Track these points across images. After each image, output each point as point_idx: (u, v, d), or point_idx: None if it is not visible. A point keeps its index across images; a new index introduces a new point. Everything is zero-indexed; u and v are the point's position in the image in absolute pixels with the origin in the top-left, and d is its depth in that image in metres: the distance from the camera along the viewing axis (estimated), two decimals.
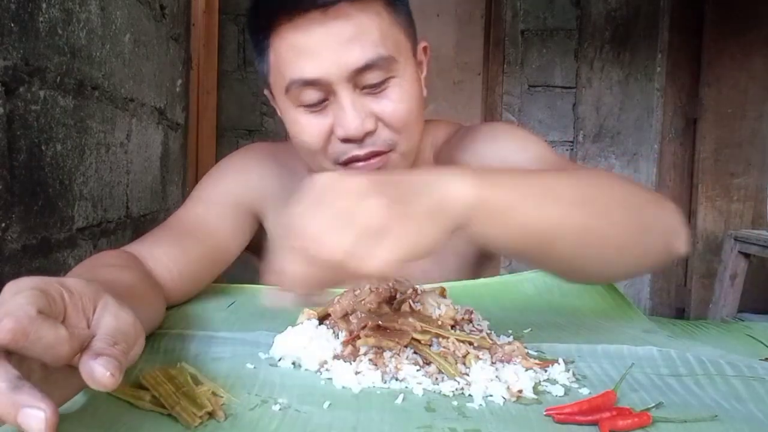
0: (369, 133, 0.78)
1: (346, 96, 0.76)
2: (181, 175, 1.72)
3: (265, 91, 0.88)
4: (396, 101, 0.78)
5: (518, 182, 0.58)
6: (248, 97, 3.15)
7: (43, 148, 0.83)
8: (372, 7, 0.77)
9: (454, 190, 0.52)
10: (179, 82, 1.66)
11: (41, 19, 0.82)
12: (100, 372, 0.38)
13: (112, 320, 0.43)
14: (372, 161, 0.80)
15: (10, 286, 0.41)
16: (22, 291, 0.39)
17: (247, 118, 3.16)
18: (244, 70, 3.15)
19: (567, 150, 3.07)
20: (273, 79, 0.82)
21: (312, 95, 0.77)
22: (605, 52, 2.98)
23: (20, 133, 0.77)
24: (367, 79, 0.76)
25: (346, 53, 0.75)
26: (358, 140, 0.78)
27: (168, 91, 1.52)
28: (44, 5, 0.82)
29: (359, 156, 0.79)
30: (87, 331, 0.42)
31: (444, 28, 3.31)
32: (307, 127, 0.79)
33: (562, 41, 3.06)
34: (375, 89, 0.78)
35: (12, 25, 0.74)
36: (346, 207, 0.48)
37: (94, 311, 0.43)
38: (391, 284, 0.64)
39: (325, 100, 0.78)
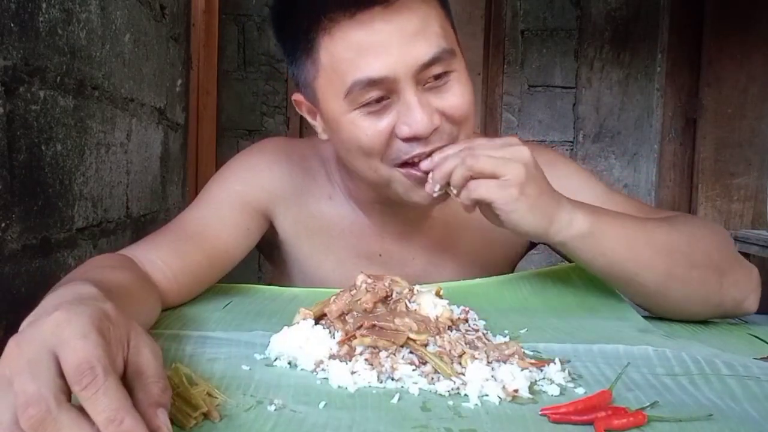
0: (435, 130, 0.75)
1: (411, 93, 0.73)
2: (181, 175, 1.73)
3: (296, 96, 0.84)
4: (458, 95, 0.76)
5: (621, 223, 0.75)
6: (248, 97, 3.15)
7: (43, 148, 0.83)
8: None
9: (575, 220, 0.73)
10: (179, 82, 1.66)
11: (41, 19, 0.82)
12: (165, 428, 0.40)
13: (152, 357, 0.44)
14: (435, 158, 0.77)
15: (74, 320, 0.40)
16: (89, 336, 0.39)
17: (247, 118, 3.16)
18: (244, 70, 3.15)
19: (567, 150, 3.07)
20: (323, 82, 0.77)
21: (373, 95, 0.73)
22: (605, 52, 2.97)
23: (20, 133, 0.77)
24: (430, 74, 0.74)
25: (413, 48, 0.72)
26: (424, 138, 0.75)
27: (168, 91, 1.52)
28: (44, 5, 0.83)
29: (424, 152, 0.76)
30: (122, 365, 0.43)
31: None
32: (367, 129, 0.75)
33: (562, 41, 3.06)
34: (437, 84, 0.75)
35: (12, 25, 0.75)
36: (503, 153, 0.72)
37: (128, 341, 0.44)
38: (387, 284, 0.64)
39: (384, 98, 0.74)
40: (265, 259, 1.01)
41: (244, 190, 0.90)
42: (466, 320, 0.66)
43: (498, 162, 0.70)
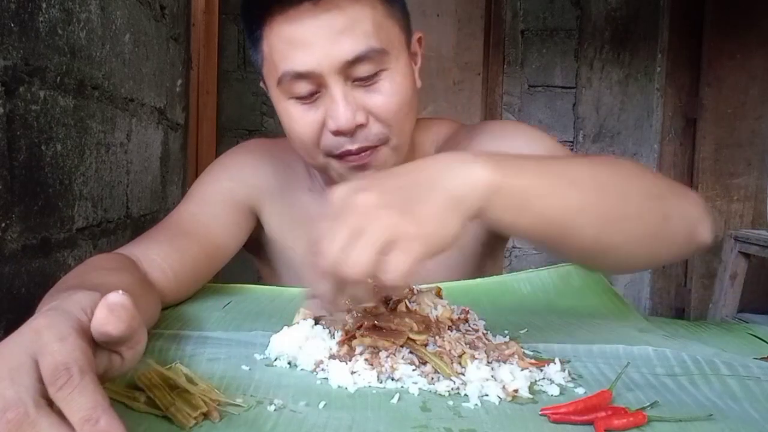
0: (360, 127, 0.78)
1: (337, 88, 0.76)
2: (181, 175, 1.73)
3: (261, 84, 0.88)
4: (387, 95, 0.78)
5: (537, 168, 0.58)
6: (248, 97, 3.15)
7: (43, 148, 0.83)
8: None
9: (472, 177, 0.53)
10: (179, 82, 1.66)
11: (41, 19, 0.82)
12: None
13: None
14: (363, 155, 0.79)
15: (53, 325, 0.40)
16: (67, 339, 0.39)
17: (247, 118, 3.16)
18: (244, 70, 3.15)
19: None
20: (266, 70, 0.83)
21: (303, 87, 0.77)
22: (605, 52, 2.97)
23: (20, 133, 0.77)
24: (358, 72, 0.76)
25: (337, 45, 0.75)
26: (350, 134, 0.78)
27: (168, 91, 1.52)
28: (44, 5, 0.83)
29: (351, 150, 0.79)
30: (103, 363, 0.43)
31: (444, 28, 3.31)
32: (299, 119, 0.80)
33: (562, 41, 3.06)
34: (366, 82, 0.77)
35: (12, 25, 0.75)
36: (359, 223, 0.50)
37: None
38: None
39: (316, 92, 0.78)
40: (253, 257, 1.02)
41: (231, 186, 0.92)
42: (466, 320, 0.66)
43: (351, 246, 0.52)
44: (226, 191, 0.91)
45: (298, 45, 0.76)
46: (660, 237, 0.65)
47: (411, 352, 0.58)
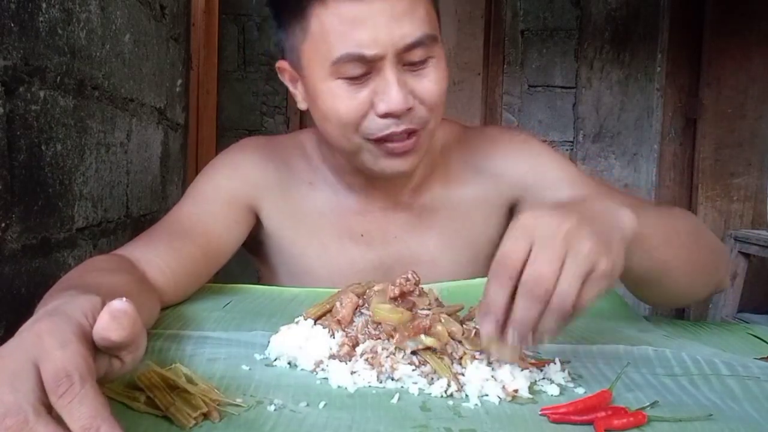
0: (408, 110, 0.77)
1: (391, 71, 0.76)
2: (181, 175, 1.73)
3: (280, 63, 0.86)
4: (434, 81, 0.79)
5: (651, 220, 0.67)
6: (248, 97, 3.15)
7: (43, 148, 0.83)
8: None
9: (628, 222, 0.59)
10: (179, 82, 1.66)
11: (41, 19, 0.82)
12: None
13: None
14: (408, 142, 0.80)
15: (55, 330, 0.40)
16: (68, 345, 0.40)
17: (247, 118, 3.16)
18: (244, 70, 3.15)
19: (567, 150, 3.07)
20: (309, 47, 0.79)
21: (358, 69, 0.76)
22: (605, 52, 2.97)
23: (20, 133, 0.77)
24: (412, 56, 0.77)
25: (400, 29, 0.75)
26: (398, 116, 0.77)
27: (168, 91, 1.52)
28: (44, 5, 0.83)
29: (396, 132, 0.78)
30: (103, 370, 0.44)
31: (444, 28, 3.30)
32: (345, 99, 0.78)
33: (562, 41, 3.06)
34: (416, 67, 0.78)
35: (12, 25, 0.75)
36: (565, 245, 0.53)
37: None
38: (399, 282, 0.63)
39: (367, 73, 0.77)
40: (252, 256, 1.02)
41: (229, 185, 0.91)
42: (470, 320, 0.66)
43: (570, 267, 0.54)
44: (225, 190, 0.91)
45: (362, 26, 0.74)
46: (711, 283, 0.79)
47: (412, 353, 0.58)
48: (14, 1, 0.75)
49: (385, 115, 0.77)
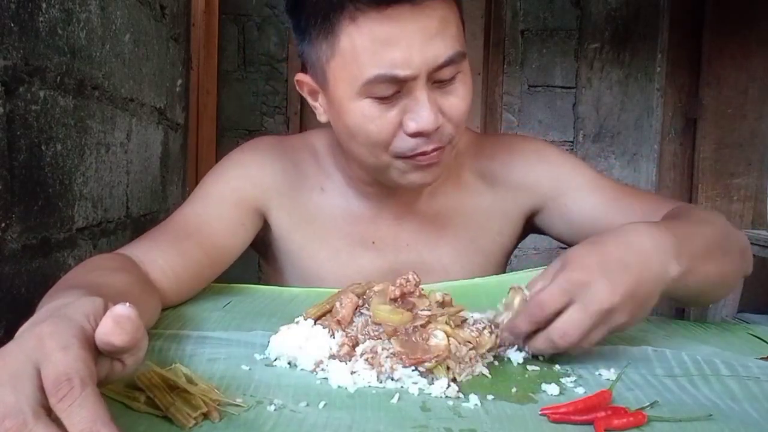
0: (437, 128, 0.77)
1: (422, 91, 0.75)
2: (181, 175, 1.73)
3: (299, 76, 0.85)
4: (460, 97, 0.78)
5: (694, 242, 0.70)
6: (248, 97, 3.15)
7: (43, 148, 0.83)
8: (449, 1, 0.76)
9: (673, 273, 0.65)
10: (179, 82, 1.66)
11: (41, 19, 0.82)
12: None
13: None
14: (434, 154, 0.79)
15: (56, 333, 0.41)
16: (69, 348, 0.40)
17: (247, 118, 3.16)
18: (244, 70, 3.15)
19: (567, 150, 3.07)
20: (338, 65, 0.77)
21: (388, 89, 0.74)
22: (605, 52, 2.97)
23: (20, 133, 0.77)
24: (442, 75, 0.76)
25: (432, 49, 0.73)
26: (427, 135, 0.76)
27: (168, 91, 1.52)
28: (44, 5, 0.83)
29: (426, 151, 0.78)
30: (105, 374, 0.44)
31: None
32: (376, 119, 0.76)
33: (562, 41, 3.06)
34: (444, 84, 0.77)
35: (12, 25, 0.75)
36: (602, 319, 0.60)
37: None
38: (400, 282, 0.63)
39: (397, 92, 0.75)
40: (260, 257, 1.01)
41: (238, 186, 0.90)
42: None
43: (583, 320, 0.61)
44: (233, 191, 0.89)
45: (395, 46, 0.72)
46: (734, 284, 0.82)
47: None
48: (14, 1, 0.75)
49: (415, 134, 0.76)
